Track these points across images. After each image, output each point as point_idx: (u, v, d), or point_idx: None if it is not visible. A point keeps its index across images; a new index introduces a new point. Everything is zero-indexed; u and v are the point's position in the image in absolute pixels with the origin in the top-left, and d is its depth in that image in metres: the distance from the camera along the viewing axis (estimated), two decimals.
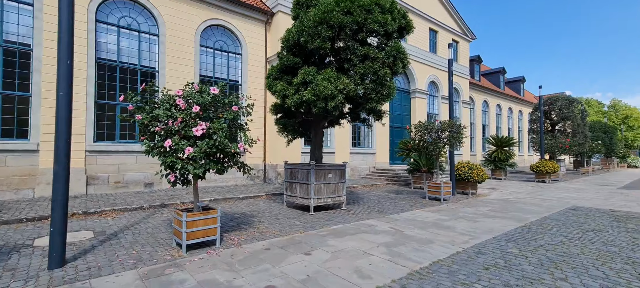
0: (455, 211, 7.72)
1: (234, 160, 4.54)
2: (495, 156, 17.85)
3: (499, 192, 11.70)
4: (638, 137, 45.08)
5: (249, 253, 4.29)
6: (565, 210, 7.97)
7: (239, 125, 4.69)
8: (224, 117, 4.34)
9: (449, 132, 9.39)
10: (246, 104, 4.80)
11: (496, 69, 33.12)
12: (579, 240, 5.15)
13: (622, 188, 13.83)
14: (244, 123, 4.67)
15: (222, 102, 4.42)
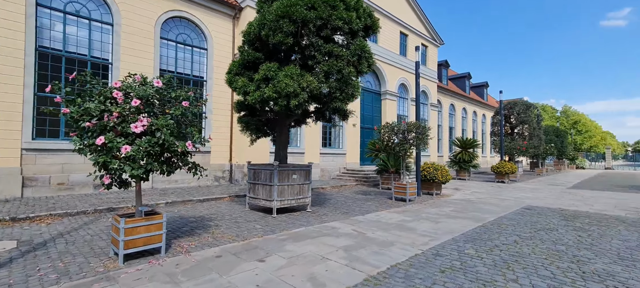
0: (419, 212, 7.79)
1: (182, 160, 4.16)
2: (460, 157, 18.56)
3: (462, 193, 12.09)
4: (585, 141, 49.29)
5: (197, 262, 3.94)
6: (521, 210, 8.33)
7: (190, 122, 4.32)
8: (171, 112, 3.95)
9: (415, 133, 9.51)
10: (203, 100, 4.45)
11: (462, 74, 34.65)
12: (531, 239, 5.32)
13: (571, 188, 14.89)
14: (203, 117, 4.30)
15: (169, 96, 4.03)
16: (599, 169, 35.79)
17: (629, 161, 53.47)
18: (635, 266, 4.06)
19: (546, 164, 31.54)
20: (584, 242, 5.16)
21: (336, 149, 17.10)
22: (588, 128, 51.74)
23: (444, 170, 11.03)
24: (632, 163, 48.15)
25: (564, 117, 52.14)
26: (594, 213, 8.06)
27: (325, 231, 5.65)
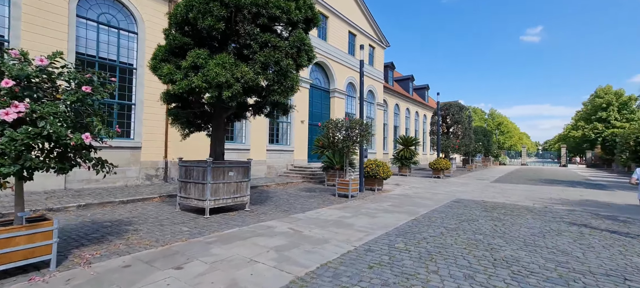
0: (359, 207, 7.91)
1: (81, 155, 3.51)
2: (402, 154, 19.61)
3: (402, 188, 12.71)
4: (507, 140, 56.19)
5: (96, 275, 3.36)
6: (450, 203, 8.98)
7: (93, 112, 3.67)
8: (63, 98, 3.29)
9: (358, 130, 9.68)
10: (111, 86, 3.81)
11: (406, 76, 36.82)
12: (456, 230, 5.69)
13: (494, 181, 16.70)
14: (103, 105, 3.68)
15: (55, 77, 3.35)
16: (517, 165, 41.07)
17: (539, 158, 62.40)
18: (536, 251, 4.55)
19: (475, 161, 35.13)
20: (498, 231, 5.68)
21: (284, 146, 16.79)
22: (509, 129, 59.13)
23: (386, 167, 11.46)
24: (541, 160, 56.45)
25: (491, 119, 58.83)
26: (509, 204, 9.05)
27: (260, 231, 5.36)
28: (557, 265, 3.98)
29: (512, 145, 55.95)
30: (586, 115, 44.33)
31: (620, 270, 3.86)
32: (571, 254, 4.43)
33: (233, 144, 13.83)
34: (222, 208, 6.93)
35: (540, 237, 5.33)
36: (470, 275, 3.54)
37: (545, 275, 3.61)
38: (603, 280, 3.53)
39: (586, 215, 7.57)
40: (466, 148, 24.34)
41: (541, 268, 3.83)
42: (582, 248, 4.72)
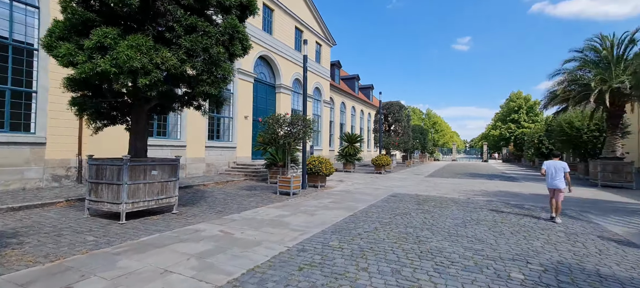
0: (299, 205, 7.74)
1: None
2: (347, 151, 20.07)
3: (345, 184, 12.93)
4: (440, 138, 61.81)
5: None
6: (387, 197, 9.35)
7: None
8: None
9: (300, 126, 9.50)
10: None
11: (352, 75, 37.94)
12: (389, 224, 5.86)
13: (428, 176, 18.06)
14: None
15: None
16: (448, 161, 45.39)
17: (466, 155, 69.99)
18: (458, 241, 4.86)
19: (413, 157, 37.88)
20: (427, 223, 6.00)
21: (225, 142, 15.87)
22: (443, 128, 65.19)
23: (328, 163, 11.51)
24: (468, 156, 63.43)
25: (427, 119, 64.15)
26: (439, 196, 9.77)
27: (184, 236, 4.82)
28: (474, 253, 4.28)
29: (444, 143, 61.81)
30: (502, 117, 50.93)
31: (523, 254, 4.31)
32: (486, 242, 4.84)
33: (166, 140, 12.58)
34: (144, 211, 6.14)
35: (462, 227, 5.76)
36: (397, 270, 3.58)
37: (464, 264, 3.84)
38: (510, 265, 3.87)
39: (500, 204, 8.50)
40: (405, 145, 25.98)
41: (461, 258, 4.07)
42: (495, 236, 5.20)
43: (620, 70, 13.17)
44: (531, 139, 32.48)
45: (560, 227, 5.94)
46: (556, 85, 14.99)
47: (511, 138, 46.52)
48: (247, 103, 16.84)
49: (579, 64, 14.46)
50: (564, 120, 18.46)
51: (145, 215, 6.05)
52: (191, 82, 5.52)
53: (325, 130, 26.23)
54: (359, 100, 36.10)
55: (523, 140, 37.34)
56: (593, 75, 13.62)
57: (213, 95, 5.65)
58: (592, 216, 7.16)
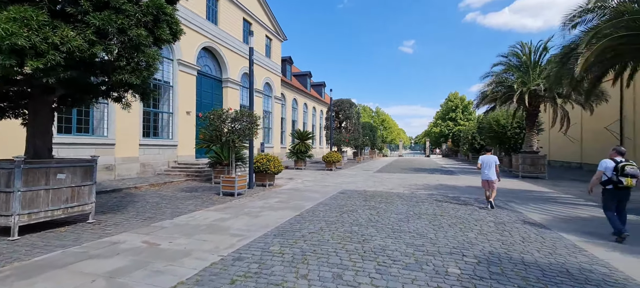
0: (243, 206, 7.24)
1: None
2: (298, 148, 19.80)
3: (295, 182, 12.64)
4: (389, 135, 65.05)
5: None
6: (336, 194, 9.30)
7: None
8: None
9: (245, 122, 8.93)
10: None
11: (304, 72, 37.75)
12: (335, 223, 5.72)
13: (376, 172, 18.67)
14: None
15: None
16: (395, 157, 47.95)
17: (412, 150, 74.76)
18: (400, 237, 4.90)
19: (364, 153, 39.17)
20: (373, 220, 6.00)
21: (165, 140, 14.46)
22: (391, 125, 68.67)
23: (277, 161, 11.10)
24: (413, 152, 67.88)
25: (377, 116, 66.99)
26: (385, 192, 10.02)
27: (96, 251, 4.06)
28: (415, 249, 4.32)
29: (392, 139, 65.22)
30: (442, 115, 55.36)
31: (460, 246, 4.47)
32: (426, 236, 4.95)
33: (89, 137, 10.95)
34: (47, 223, 5.12)
35: (405, 222, 5.87)
36: (339, 274, 3.39)
37: (405, 262, 3.81)
38: (448, 259, 3.95)
39: (440, 197, 8.99)
40: (356, 142, 26.61)
41: (402, 255, 4.05)
42: (434, 229, 5.37)
43: (536, 74, 14.98)
44: (466, 135, 35.79)
45: (491, 218, 6.41)
46: (486, 86, 16.54)
47: (449, 135, 50.80)
48: (189, 97, 15.55)
49: (504, 68, 16.14)
50: (492, 118, 20.53)
51: (49, 228, 5.05)
52: (106, 69, 4.69)
53: (277, 127, 25.65)
54: (311, 97, 36.05)
55: (459, 137, 40.95)
56: (515, 78, 15.29)
57: (136, 85, 4.88)
58: (515, 205, 7.91)
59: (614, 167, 5.00)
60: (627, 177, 4.87)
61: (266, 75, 23.81)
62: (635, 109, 16.47)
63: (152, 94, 5.54)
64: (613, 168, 5.00)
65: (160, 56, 4.97)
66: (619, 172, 4.92)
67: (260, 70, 22.74)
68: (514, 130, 19.45)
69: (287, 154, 20.40)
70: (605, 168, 5.09)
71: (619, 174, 4.92)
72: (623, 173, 4.89)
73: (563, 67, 7.69)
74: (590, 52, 6.63)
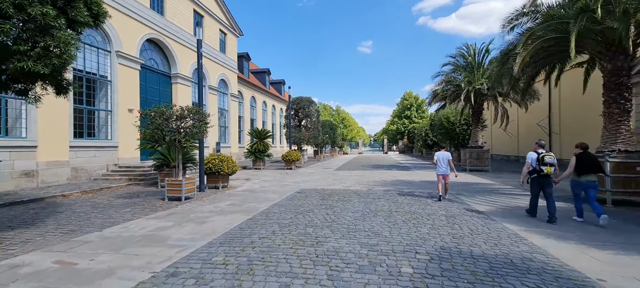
0: (190, 212, 6.61)
1: None
2: (256, 148, 19.10)
3: (251, 182, 12.06)
4: (349, 133, 66.31)
5: None
6: (293, 194, 8.99)
7: None
8: None
9: (192, 121, 8.21)
10: None
11: (263, 69, 36.75)
12: (289, 226, 5.41)
13: (336, 169, 18.71)
14: None
15: None
16: (355, 154, 49.01)
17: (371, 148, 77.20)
18: (355, 237, 4.75)
19: (324, 152, 39.35)
20: (328, 220, 5.81)
21: (102, 141, 12.92)
22: (351, 123, 70.08)
23: (231, 161, 10.47)
24: (372, 149, 70.08)
25: (337, 114, 67.89)
26: (343, 190, 9.95)
27: None
28: (369, 249, 4.18)
29: (352, 137, 66.60)
30: (399, 113, 57.83)
31: (413, 243, 4.44)
32: (381, 234, 4.86)
33: (1, 139, 9.30)
34: None
35: (361, 220, 5.76)
36: (287, 285, 3.09)
37: (358, 264, 3.64)
38: (401, 258, 3.87)
39: (395, 193, 9.14)
40: (315, 140, 26.52)
41: (356, 257, 3.88)
42: (389, 227, 5.32)
43: (480, 74, 16.12)
44: (420, 132, 37.74)
45: (442, 211, 6.58)
46: (437, 85, 17.44)
47: (405, 132, 53.24)
48: (132, 93, 14.10)
49: (453, 68, 17.14)
50: (443, 115, 21.78)
51: None
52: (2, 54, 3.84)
53: (234, 126, 24.56)
54: (270, 95, 35.22)
55: (414, 134, 43.04)
56: (462, 77, 16.29)
57: (45, 75, 4.08)
58: (464, 198, 8.30)
59: (537, 158, 5.69)
60: (546, 166, 5.58)
61: (221, 71, 22.63)
62: (561, 106, 18.57)
63: (70, 87, 4.70)
64: (536, 159, 5.69)
65: (77, 42, 4.21)
66: (541, 162, 5.62)
67: (215, 66, 21.55)
68: (462, 126, 20.82)
69: (245, 154, 19.59)
70: (531, 159, 5.78)
71: (541, 164, 5.62)
72: (543, 162, 5.60)
73: (503, 67, 8.26)
74: (526, 52, 7.14)
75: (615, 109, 7.17)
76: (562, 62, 9.02)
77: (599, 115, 13.31)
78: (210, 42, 21.09)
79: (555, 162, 5.64)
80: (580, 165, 5.62)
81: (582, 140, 6.03)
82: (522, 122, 21.93)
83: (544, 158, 5.60)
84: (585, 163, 5.59)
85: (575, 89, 14.13)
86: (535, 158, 5.71)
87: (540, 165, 5.63)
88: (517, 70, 7.20)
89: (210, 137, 20.75)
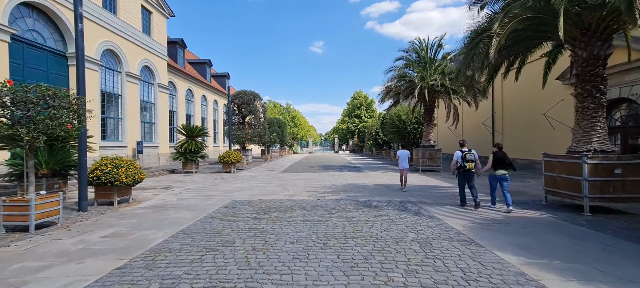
0: (23, 256, 3.96)
1: None
2: (186, 148, 16.05)
3: (168, 193, 9.35)
4: (299, 132, 64.47)
5: None
6: (217, 211, 6.69)
7: None
8: None
9: (51, 107, 5.38)
10: None
11: (203, 60, 32.83)
12: (180, 278, 3.20)
13: (282, 172, 16.59)
14: None
15: None
16: (306, 154, 47.33)
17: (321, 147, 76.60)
18: None
19: (273, 151, 36.84)
20: (252, 262, 3.73)
21: None
22: (301, 122, 68.23)
23: (132, 166, 7.71)
24: (322, 148, 69.29)
25: (287, 113, 65.49)
26: (286, 200, 7.94)
27: None
28: None
29: (303, 136, 64.82)
30: (349, 112, 57.73)
31: None
32: None
33: None
34: None
35: (304, 259, 3.83)
36: None
37: None
38: None
39: (350, 204, 7.41)
40: (261, 138, 24.01)
41: None
42: (344, 271, 3.46)
43: (433, 70, 15.44)
44: (370, 131, 37.49)
45: (412, 233, 4.97)
46: (390, 81, 16.40)
47: (356, 131, 53.24)
48: None
49: (405, 63, 16.24)
50: (394, 113, 21.07)
51: None
52: None
53: (164, 122, 20.83)
54: (211, 89, 31.57)
55: (364, 133, 42.87)
56: (416, 73, 15.45)
57: None
58: (429, 207, 6.90)
59: (461, 156, 6.74)
60: (468, 162, 6.67)
61: (145, 56, 18.87)
62: (503, 105, 19.03)
63: None
64: (461, 157, 6.74)
65: None
66: (464, 159, 6.69)
67: (135, 49, 17.79)
68: (413, 125, 20.30)
69: (172, 155, 16.35)
70: (457, 157, 6.84)
71: (464, 160, 6.69)
72: (466, 159, 6.68)
73: (473, 51, 7.04)
74: (503, 33, 5.94)
75: (590, 103, 6.36)
76: (524, 52, 8.18)
77: (543, 114, 13.03)
78: (130, 19, 17.31)
79: (477, 158, 6.75)
80: (495, 161, 6.54)
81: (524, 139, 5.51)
82: (467, 121, 22.31)
83: (466, 156, 6.68)
84: (498, 160, 6.52)
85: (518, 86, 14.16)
86: (460, 156, 6.75)
87: (463, 162, 6.70)
88: (494, 53, 5.94)
89: (129, 135, 17.00)
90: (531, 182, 11.13)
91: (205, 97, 30.70)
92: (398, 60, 16.50)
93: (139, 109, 18.14)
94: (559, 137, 14.33)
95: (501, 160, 6.49)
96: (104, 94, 15.76)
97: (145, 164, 18.42)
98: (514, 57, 8.26)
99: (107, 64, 15.94)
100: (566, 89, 13.92)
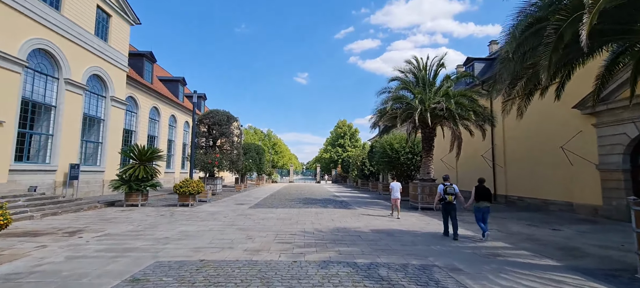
0: None
1: None
2: (131, 174, 12.71)
3: (61, 244, 6.13)
4: (280, 159, 61.22)
5: None
6: (123, 283, 3.64)
7: None
8: None
9: None
10: None
11: (176, 77, 29.92)
12: None
13: (253, 207, 13.47)
14: None
15: None
16: (286, 183, 43.93)
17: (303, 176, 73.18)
18: None
19: (249, 179, 33.40)
20: None
21: None
22: (282, 149, 65.16)
23: None
24: (304, 178, 65.97)
25: (267, 139, 62.44)
26: (243, 263, 4.98)
27: None
28: None
29: (284, 164, 61.51)
30: (332, 141, 55.56)
31: None
32: None
33: None
34: None
35: None
36: None
37: None
38: None
39: (346, 277, 4.57)
40: (233, 165, 20.84)
41: None
42: None
43: (433, 93, 13.37)
44: (355, 161, 35.03)
45: None
46: (383, 103, 14.15)
47: (339, 160, 50.77)
48: None
49: (401, 85, 14.12)
50: (386, 142, 18.75)
51: None
52: None
53: (115, 142, 17.39)
54: (183, 109, 28.43)
55: (348, 163, 40.38)
56: (415, 95, 13.31)
57: None
58: (471, 283, 4.18)
59: (443, 190, 7.53)
60: (449, 195, 7.44)
61: (95, 63, 15.84)
62: (505, 137, 17.16)
63: None
64: (443, 190, 7.53)
65: None
66: (445, 192, 7.49)
67: (81, 52, 14.79)
68: (407, 155, 17.97)
69: (113, 183, 12.90)
70: (440, 189, 7.62)
71: (445, 193, 7.49)
72: (446, 192, 7.46)
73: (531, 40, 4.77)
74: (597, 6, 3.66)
75: None
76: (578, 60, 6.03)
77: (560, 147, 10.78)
78: (76, 18, 14.45)
79: (457, 192, 7.51)
80: (478, 194, 7.26)
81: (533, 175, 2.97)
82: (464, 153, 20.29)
83: (446, 190, 7.46)
84: (480, 193, 7.26)
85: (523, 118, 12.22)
86: (442, 190, 7.53)
87: (445, 194, 7.47)
88: (586, 34, 3.61)
89: (62, 156, 13.48)
90: (545, 231, 8.72)
91: (175, 117, 27.47)
92: (392, 81, 14.41)
93: (80, 125, 14.77)
94: (579, 174, 12.30)
95: (483, 193, 7.23)
96: (28, 102, 12.43)
97: (81, 193, 14.73)
98: (567, 65, 6.08)
99: (36, 67, 12.76)
100: (585, 119, 12.16)
